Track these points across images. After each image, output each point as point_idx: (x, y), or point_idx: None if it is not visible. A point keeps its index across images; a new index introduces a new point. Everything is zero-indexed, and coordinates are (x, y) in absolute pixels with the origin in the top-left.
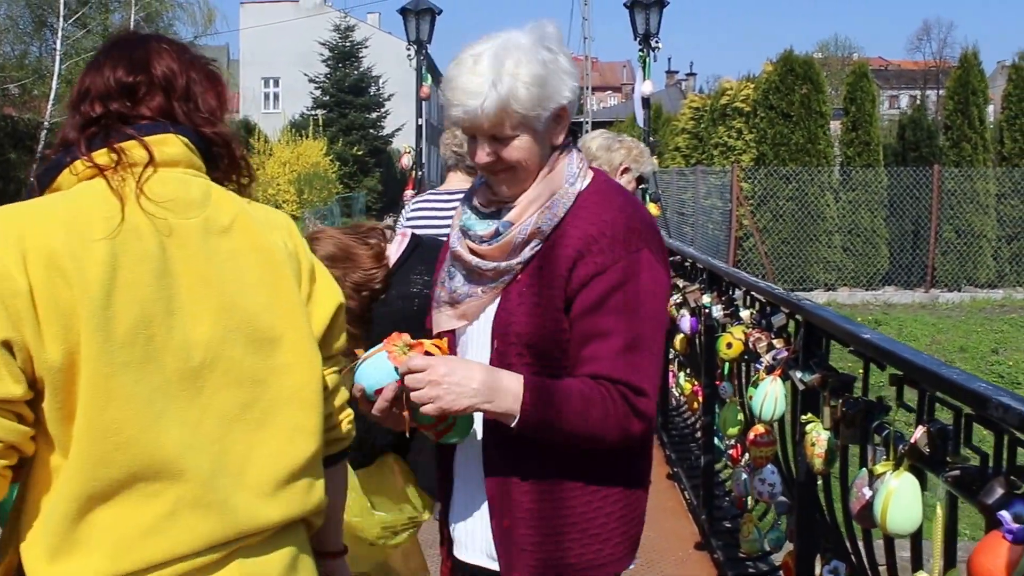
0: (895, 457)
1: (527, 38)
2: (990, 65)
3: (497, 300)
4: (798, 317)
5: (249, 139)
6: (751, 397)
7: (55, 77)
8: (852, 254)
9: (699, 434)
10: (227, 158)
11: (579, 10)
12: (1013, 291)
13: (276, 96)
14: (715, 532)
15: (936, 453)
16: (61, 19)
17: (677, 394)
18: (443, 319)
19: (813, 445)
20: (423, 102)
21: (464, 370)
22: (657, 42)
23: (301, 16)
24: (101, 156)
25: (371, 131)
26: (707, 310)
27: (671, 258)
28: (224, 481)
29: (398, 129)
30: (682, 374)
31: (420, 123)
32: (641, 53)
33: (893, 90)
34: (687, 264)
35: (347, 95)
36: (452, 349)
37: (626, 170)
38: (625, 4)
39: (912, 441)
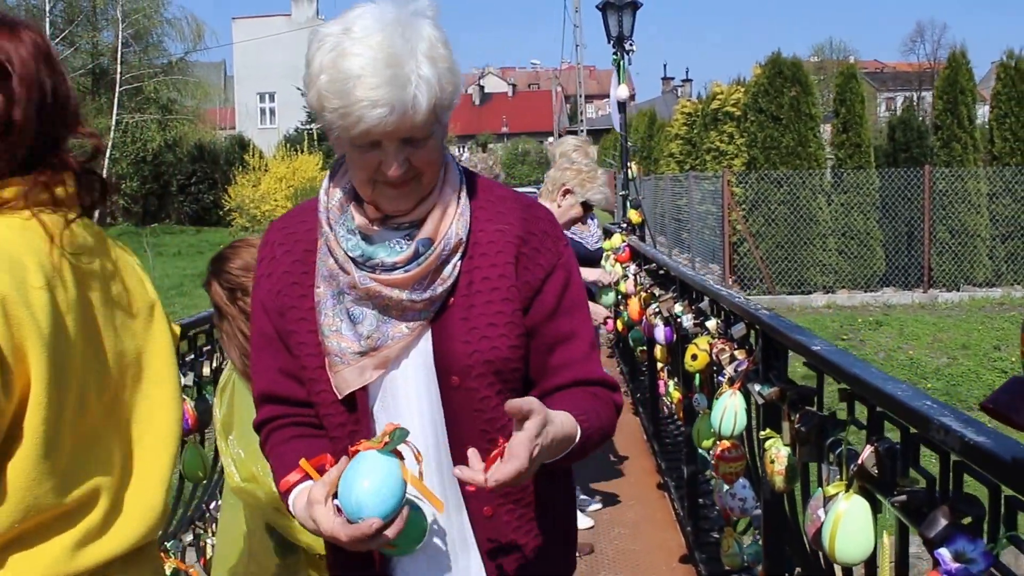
0: (847, 477)
1: (411, 10)
2: (985, 65)
3: (428, 333)
4: (756, 327)
5: (243, 155)
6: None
7: None
8: (848, 257)
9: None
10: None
11: (571, 18)
12: (1011, 289)
13: (272, 111)
14: (700, 544)
15: (885, 475)
16: (48, 37)
17: (668, 402)
18: (352, 375)
19: (773, 462)
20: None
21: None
22: (631, 44)
23: (293, 29)
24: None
25: None
26: (679, 319)
27: (647, 265)
28: None
29: None
30: (671, 382)
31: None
32: (615, 56)
33: (889, 92)
34: (662, 272)
35: None
36: (365, 404)
37: (568, 192)
38: (598, 6)
39: (860, 461)
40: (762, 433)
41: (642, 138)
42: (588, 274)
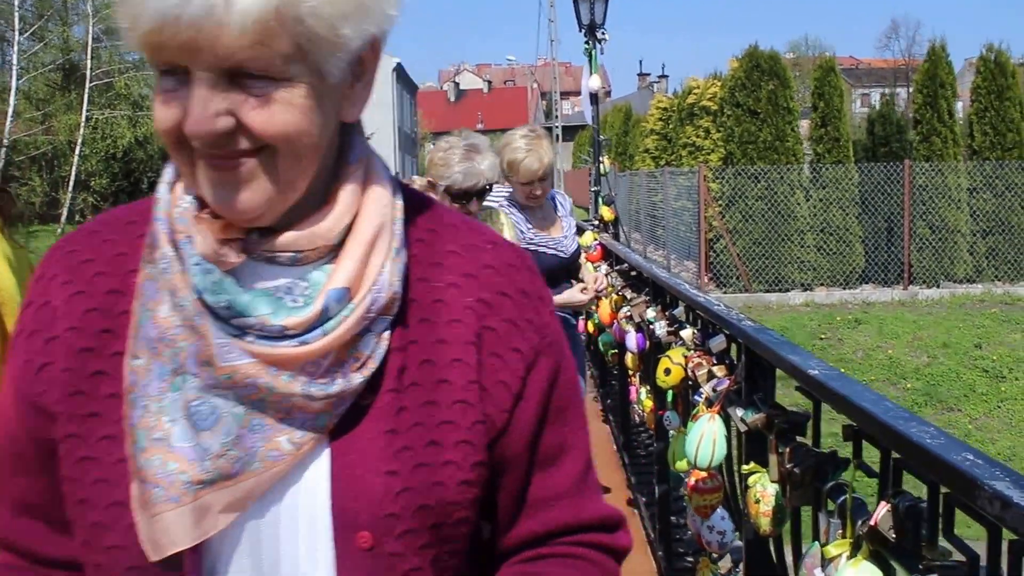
0: (853, 535)
1: None
2: (957, 63)
3: (325, 454)
4: (739, 341)
5: None
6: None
7: (12, 92)
8: (827, 253)
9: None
10: None
11: (546, 12)
12: (992, 286)
13: None
14: (673, 571)
15: (905, 540)
16: (16, 32)
17: (639, 410)
18: (181, 520)
19: (757, 502)
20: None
21: None
22: (603, 33)
23: None
24: None
25: None
26: (652, 326)
27: (619, 266)
28: None
29: (368, 137)
30: (644, 389)
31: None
32: (587, 45)
33: (864, 88)
34: (634, 273)
35: None
36: (195, 571)
37: (431, 185)
38: None
39: (873, 522)
40: (744, 467)
41: (617, 134)
42: (563, 299)
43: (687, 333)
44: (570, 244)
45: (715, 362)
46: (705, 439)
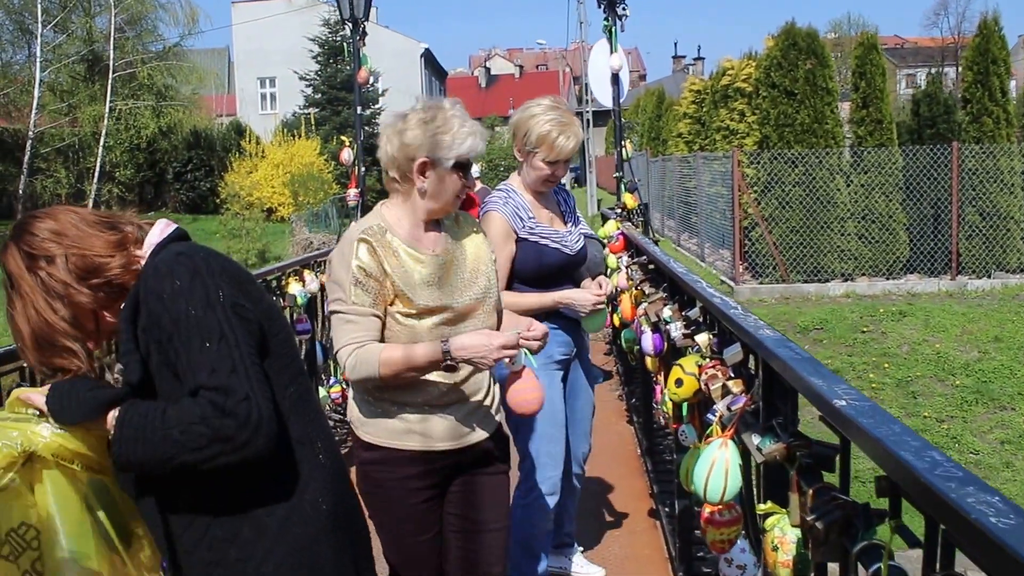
0: None
1: None
2: (1011, 39)
3: None
4: (756, 354)
5: (240, 142)
6: (692, 465)
7: (37, 85)
8: (868, 242)
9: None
10: None
11: None
12: None
13: (273, 96)
14: None
15: None
16: (40, 24)
17: (664, 412)
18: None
19: (776, 549)
20: (361, 89)
21: None
22: (624, 8)
23: (291, 11)
24: None
25: (366, 128)
26: (668, 326)
27: (639, 258)
28: None
29: None
30: (668, 391)
31: (359, 112)
32: (606, 22)
33: (910, 68)
34: (652, 266)
35: (339, 92)
36: None
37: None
38: None
39: None
40: (761, 507)
41: (650, 118)
42: (565, 296)
43: (703, 338)
44: (575, 242)
45: (731, 375)
46: (716, 469)
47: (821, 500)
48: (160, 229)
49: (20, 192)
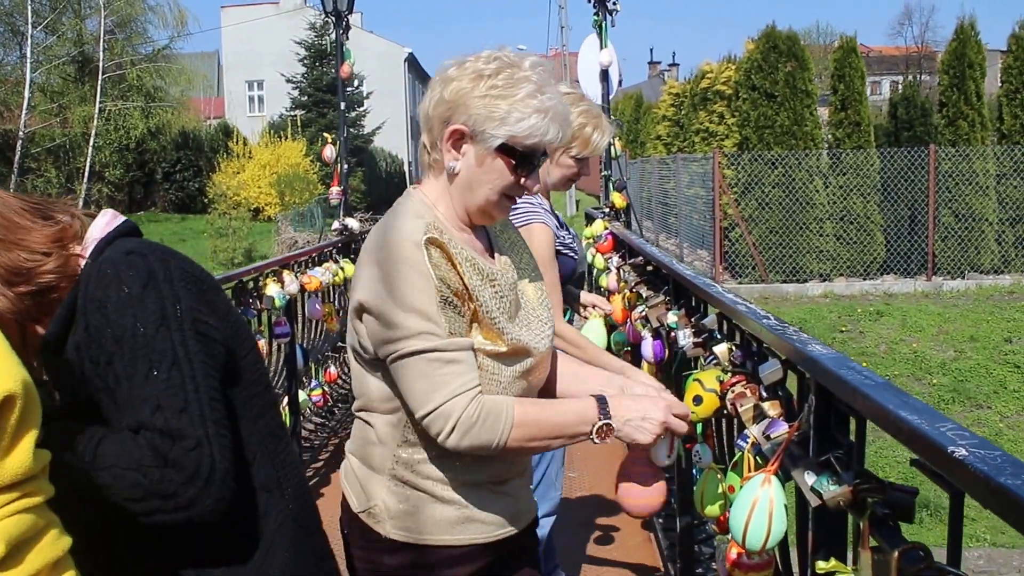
0: None
1: None
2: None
3: None
4: (805, 374)
5: (228, 143)
6: (727, 511)
7: (27, 85)
8: (846, 242)
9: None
10: None
11: None
12: (1022, 277)
13: (261, 99)
14: None
15: None
16: (30, 26)
17: None
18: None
19: None
20: (344, 85)
21: None
22: (615, 4)
23: (280, 13)
24: None
25: (351, 129)
26: (674, 333)
27: (633, 259)
28: None
29: (378, 127)
30: None
31: (343, 109)
32: (596, 17)
33: (875, 76)
34: (650, 268)
35: (325, 94)
36: None
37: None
38: None
39: None
40: (822, 564)
41: (628, 121)
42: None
43: (722, 350)
44: (576, 244)
45: (764, 395)
46: (759, 511)
47: (914, 567)
48: (105, 221)
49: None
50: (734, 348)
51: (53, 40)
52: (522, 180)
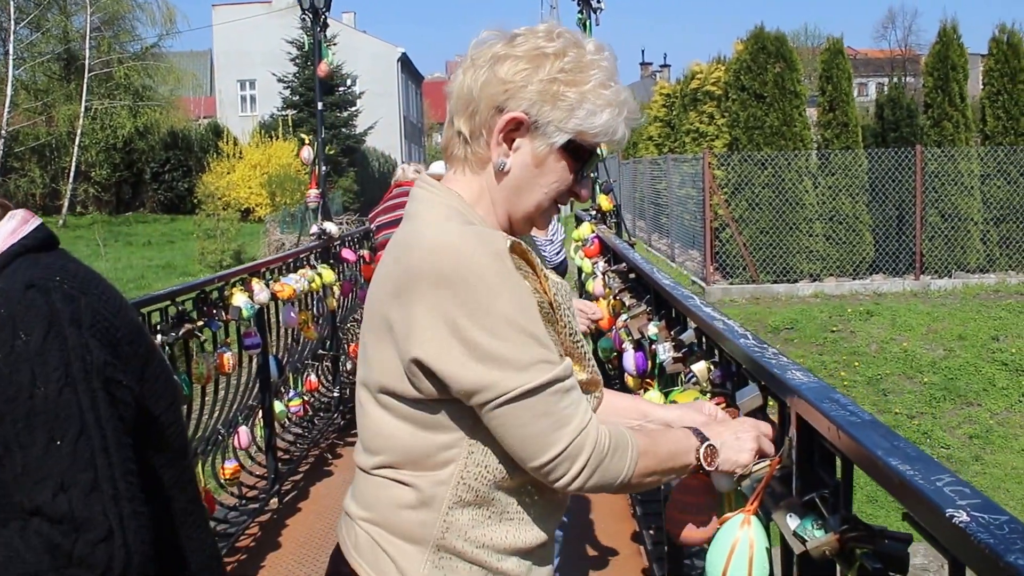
0: None
1: None
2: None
3: None
4: (784, 401)
5: (218, 142)
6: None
7: (10, 83)
8: (835, 242)
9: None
10: None
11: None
12: (1006, 275)
13: (253, 99)
14: None
15: None
16: (13, 22)
17: None
18: None
19: None
20: (323, 83)
21: None
22: (599, 3)
23: (272, 12)
24: None
25: (343, 130)
26: (653, 345)
27: (617, 265)
28: None
29: (371, 127)
30: None
31: (320, 108)
32: (580, 15)
33: (861, 78)
34: (632, 276)
35: None
36: None
37: None
38: None
39: None
40: None
41: None
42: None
43: (700, 368)
44: (556, 252)
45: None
46: (738, 555)
47: None
48: (10, 229)
49: None
50: (712, 367)
51: (38, 37)
52: (576, 186)
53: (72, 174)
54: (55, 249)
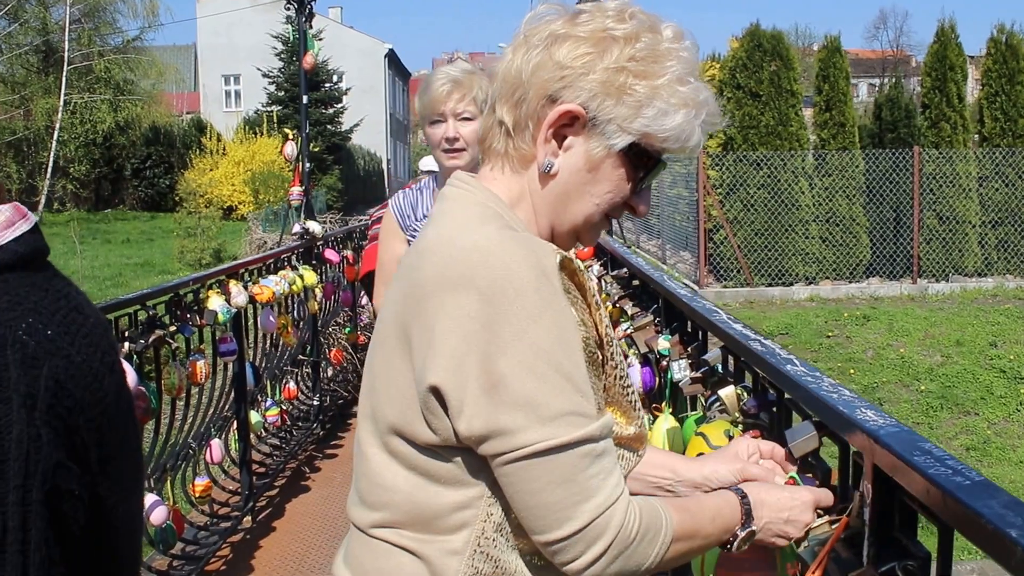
0: None
1: None
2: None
3: None
4: (847, 442)
5: (201, 138)
6: None
7: None
8: (831, 244)
9: None
10: None
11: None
12: (1004, 280)
13: (237, 94)
14: None
15: None
16: None
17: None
18: None
19: None
20: (307, 76)
21: None
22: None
23: (258, 5)
24: None
25: (328, 127)
26: (665, 362)
27: (616, 270)
28: None
29: (356, 124)
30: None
31: (305, 102)
32: None
33: (853, 78)
34: (636, 282)
35: None
36: None
37: None
38: None
39: None
40: None
41: None
42: None
43: (729, 394)
44: None
45: (796, 461)
46: None
47: None
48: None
49: None
50: (743, 393)
51: (15, 28)
52: (633, 199)
53: (50, 169)
54: (40, 266)
